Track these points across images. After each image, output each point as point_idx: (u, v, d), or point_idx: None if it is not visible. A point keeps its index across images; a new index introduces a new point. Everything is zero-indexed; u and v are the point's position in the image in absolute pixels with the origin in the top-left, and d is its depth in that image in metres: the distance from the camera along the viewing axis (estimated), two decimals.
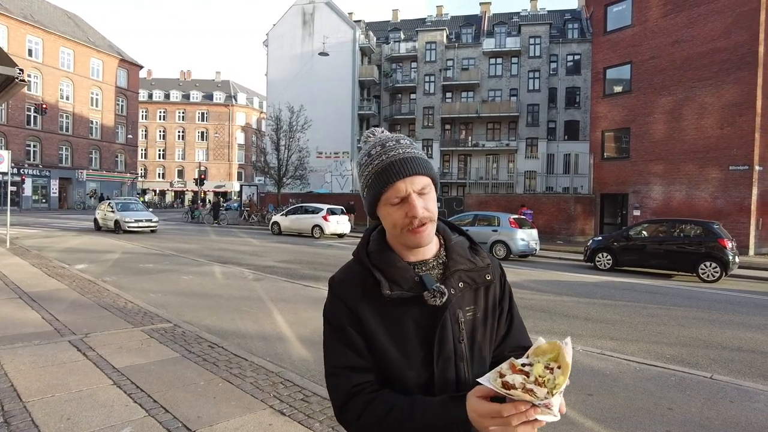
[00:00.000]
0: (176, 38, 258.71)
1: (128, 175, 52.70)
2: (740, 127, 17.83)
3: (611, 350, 5.72)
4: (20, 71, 5.44)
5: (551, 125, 40.69)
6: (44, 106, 37.77)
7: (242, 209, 32.91)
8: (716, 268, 11.66)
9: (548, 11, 45.66)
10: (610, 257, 13.50)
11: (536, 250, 16.15)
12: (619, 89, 22.00)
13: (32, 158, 42.39)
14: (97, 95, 48.37)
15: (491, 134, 41.96)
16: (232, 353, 5.00)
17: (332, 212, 21.96)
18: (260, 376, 4.38)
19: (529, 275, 11.88)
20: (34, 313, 6.41)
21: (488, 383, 0.90)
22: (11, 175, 16.51)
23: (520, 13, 46.12)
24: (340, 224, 21.97)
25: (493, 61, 41.67)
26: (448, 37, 43.03)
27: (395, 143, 1.10)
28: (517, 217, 16.59)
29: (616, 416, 3.90)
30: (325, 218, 21.47)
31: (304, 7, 42.59)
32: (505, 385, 0.88)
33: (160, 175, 73.54)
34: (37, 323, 5.92)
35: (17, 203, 39.15)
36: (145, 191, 67.68)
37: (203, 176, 38.23)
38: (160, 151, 73.23)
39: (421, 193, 1.07)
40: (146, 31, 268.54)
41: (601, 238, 14.78)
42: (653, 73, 20.24)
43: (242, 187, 38.07)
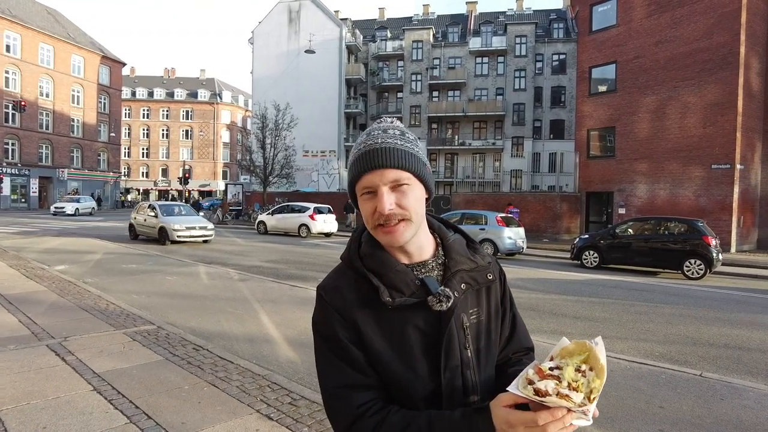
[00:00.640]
0: (160, 35, 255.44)
1: (111, 174, 51.80)
2: (722, 126, 18.09)
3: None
4: None
5: (537, 124, 40.97)
6: (23, 103, 36.89)
7: (214, 208, 32.42)
8: (701, 265, 11.80)
9: (534, 11, 45.95)
10: (596, 255, 13.59)
11: (523, 248, 16.21)
12: (604, 88, 22.19)
13: (10, 156, 41.40)
14: (78, 92, 47.43)
15: (478, 133, 42.11)
16: (217, 356, 4.87)
17: (319, 211, 21.81)
18: (246, 379, 4.27)
19: (516, 273, 11.89)
20: (10, 316, 6.20)
21: (518, 391, 0.84)
22: None
23: (506, 12, 46.34)
24: (327, 223, 21.83)
25: (479, 60, 41.80)
26: (434, 36, 43.05)
27: (381, 132, 1.02)
28: (504, 215, 16.63)
29: (608, 416, 3.87)
30: (311, 217, 21.31)
31: (290, 4, 42.25)
32: (537, 392, 0.81)
33: (143, 174, 72.49)
34: (13, 327, 5.72)
35: None
36: (128, 190, 66.67)
37: (188, 175, 37.70)
38: (143, 149, 72.17)
39: (394, 187, 0.98)
40: (129, 28, 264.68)
41: (587, 236, 14.87)
42: (638, 72, 20.45)
43: (227, 186, 37.63)
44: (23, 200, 42.65)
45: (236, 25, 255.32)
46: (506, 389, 0.87)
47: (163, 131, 71.90)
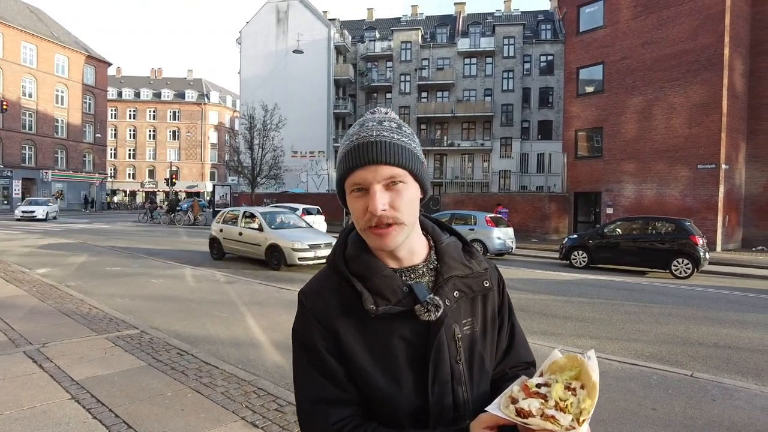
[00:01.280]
0: (147, 35, 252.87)
1: (97, 175, 51.07)
2: (707, 127, 18.28)
3: (591, 349, 5.67)
4: None
5: (525, 125, 41.17)
6: (4, 103, 36.17)
7: (187, 209, 32.15)
8: (688, 264, 11.87)
9: (522, 12, 46.16)
10: (585, 255, 13.63)
11: (512, 248, 16.22)
12: (591, 89, 22.32)
13: None
14: (62, 93, 46.69)
15: (466, 134, 42.21)
16: (202, 361, 4.75)
17: (308, 212, 21.63)
18: (232, 385, 4.15)
19: (506, 274, 11.83)
20: None
21: (499, 411, 0.76)
22: None
23: (494, 13, 46.50)
24: (315, 224, 21.64)
25: (467, 61, 41.90)
26: (423, 36, 43.08)
27: (376, 124, 0.92)
28: (493, 215, 16.63)
29: (600, 418, 3.82)
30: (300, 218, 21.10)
31: (278, 4, 41.99)
32: (520, 412, 0.74)
33: (130, 175, 71.60)
34: None
35: None
36: (114, 192, 65.81)
37: (175, 176, 37.28)
38: (130, 150, 71.28)
39: (388, 186, 0.89)
40: (115, 28, 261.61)
41: (576, 236, 14.92)
42: (625, 73, 20.60)
43: (215, 187, 37.27)
44: (6, 202, 41.82)
45: (224, 25, 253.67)
46: (485, 409, 0.80)
47: (149, 132, 71.08)
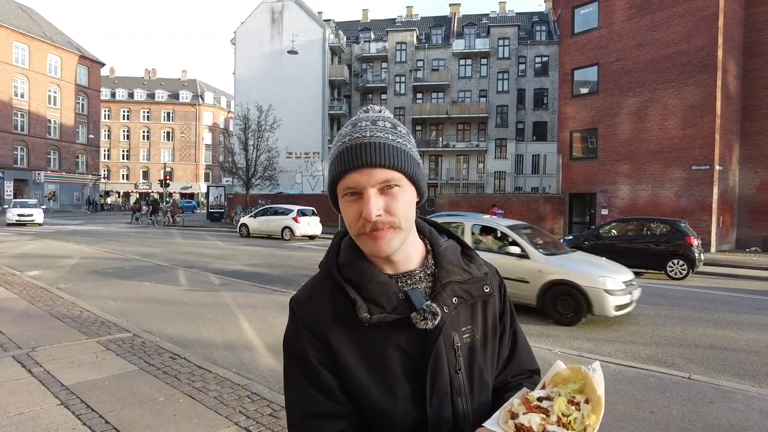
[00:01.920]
0: (140, 36, 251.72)
1: (90, 176, 50.71)
2: (701, 128, 18.36)
3: (589, 351, 5.65)
4: None
5: (520, 126, 41.25)
6: None
7: (166, 210, 32.31)
8: (683, 265, 11.89)
9: (516, 13, 46.32)
10: None
11: None
12: (586, 90, 22.38)
13: None
14: (55, 93, 46.34)
15: (461, 135, 42.25)
16: (195, 365, 4.68)
17: (303, 213, 21.56)
18: (225, 389, 4.08)
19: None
20: None
21: (497, 428, 0.72)
22: None
23: (489, 14, 46.62)
24: (311, 226, 21.60)
25: (462, 62, 41.95)
26: (418, 37, 43.09)
27: (369, 124, 0.87)
28: (489, 217, 16.59)
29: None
30: (295, 220, 21.05)
31: (272, 5, 41.88)
32: (519, 428, 0.69)
33: (124, 176, 71.17)
34: None
35: None
36: (108, 193, 65.37)
37: (169, 177, 37.07)
38: (123, 151, 70.85)
39: (383, 190, 0.84)
40: (109, 28, 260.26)
41: (571, 237, 14.92)
42: (619, 74, 20.67)
43: (209, 188, 37.11)
44: None
45: (218, 25, 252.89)
46: (483, 425, 0.77)
47: (143, 133, 70.71)
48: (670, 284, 11.23)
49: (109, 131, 68.73)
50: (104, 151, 64.77)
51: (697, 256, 11.90)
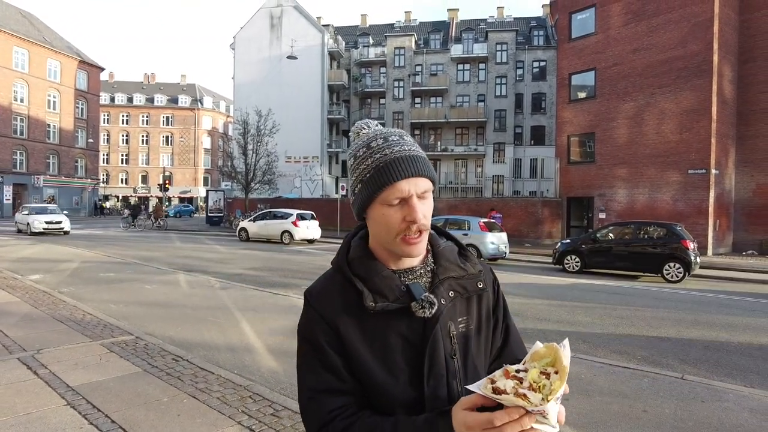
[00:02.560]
0: (140, 41, 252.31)
1: (89, 180, 50.76)
2: (697, 132, 18.53)
3: (584, 353, 5.74)
4: None
5: (518, 130, 41.46)
6: None
7: (150, 214, 32.68)
8: (680, 268, 12.00)
9: (514, 18, 46.60)
10: (578, 259, 13.73)
11: (506, 253, 16.32)
12: (583, 95, 22.56)
13: None
14: (54, 98, 46.46)
15: (460, 139, 42.44)
16: (197, 366, 4.76)
17: (302, 217, 21.65)
18: (227, 390, 4.17)
19: (499, 278, 11.76)
20: None
21: (477, 389, 0.83)
22: None
23: (487, 19, 46.88)
24: (310, 230, 21.68)
25: (461, 67, 42.19)
26: (416, 42, 43.34)
27: (399, 138, 0.99)
28: (486, 220, 16.73)
29: (593, 421, 3.87)
30: (294, 224, 21.14)
31: (271, 10, 42.11)
32: (495, 390, 0.80)
33: (122, 180, 71.27)
34: None
35: None
36: (107, 197, 65.41)
37: (168, 182, 37.14)
38: (123, 156, 70.99)
39: (421, 197, 0.97)
40: (108, 33, 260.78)
41: (569, 240, 15.03)
42: (616, 79, 20.85)
43: (208, 192, 37.20)
44: None
45: (217, 30, 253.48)
46: (466, 386, 0.87)
47: (142, 137, 70.85)
48: (666, 287, 11.34)
49: (108, 136, 68.88)
50: (103, 155, 64.88)
51: (693, 259, 12.02)
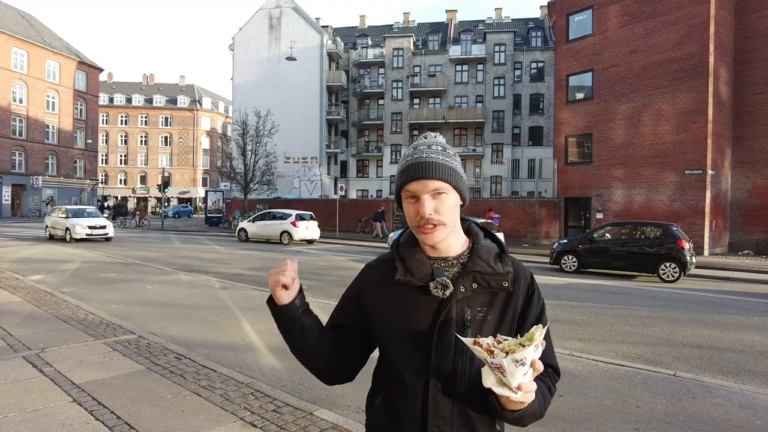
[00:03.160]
0: (139, 42, 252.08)
1: (88, 181, 50.77)
2: (694, 133, 18.65)
3: (580, 351, 5.84)
4: None
5: (516, 131, 41.60)
6: None
7: (133, 213, 32.90)
8: (675, 268, 12.12)
9: (512, 19, 46.75)
10: (575, 259, 13.83)
11: None
12: (581, 96, 22.67)
13: None
14: (53, 98, 46.48)
15: (458, 140, 42.56)
16: (199, 364, 4.85)
17: (301, 218, 21.73)
18: (230, 387, 4.26)
19: None
20: None
21: (464, 339, 1.02)
22: None
23: (485, 21, 47.03)
24: (309, 230, 21.76)
25: (459, 68, 42.32)
26: (415, 43, 43.47)
27: (426, 148, 1.19)
28: (484, 221, 16.82)
29: (587, 416, 3.97)
30: (293, 224, 21.22)
31: (270, 11, 42.20)
32: (475, 343, 0.99)
33: (121, 181, 71.24)
34: None
35: None
36: (106, 198, 65.40)
37: (167, 182, 37.18)
38: (121, 156, 70.97)
39: (434, 195, 1.14)
40: (107, 34, 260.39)
41: (566, 240, 15.13)
42: (613, 80, 20.97)
43: (207, 193, 37.27)
44: None
45: (216, 31, 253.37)
46: (456, 334, 1.10)
47: (141, 138, 70.86)
48: (662, 287, 11.45)
49: (107, 136, 68.88)
50: (102, 156, 64.90)
51: (688, 259, 12.13)
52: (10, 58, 42.01)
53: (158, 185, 40.37)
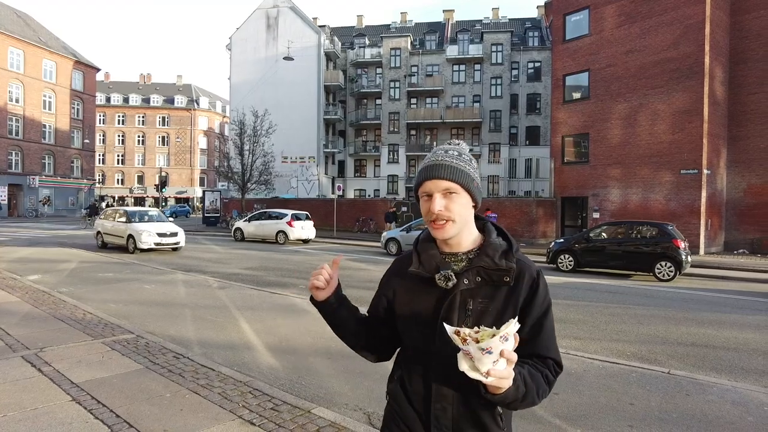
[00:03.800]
0: (136, 41, 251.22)
1: (85, 181, 50.64)
2: (690, 132, 18.75)
3: (575, 349, 5.89)
4: None
5: (513, 131, 41.68)
6: None
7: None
8: (671, 267, 12.19)
9: (509, 19, 46.84)
10: (571, 259, 13.90)
11: None
12: (577, 96, 22.75)
13: None
14: (50, 98, 46.34)
15: (455, 139, 42.52)
16: (198, 363, 4.88)
17: (297, 218, 21.75)
18: (228, 386, 4.29)
19: None
20: None
21: (447, 327, 1.11)
22: None
23: (482, 21, 47.10)
24: (305, 230, 21.78)
25: (456, 67, 42.38)
26: (412, 43, 43.50)
27: (443, 153, 1.32)
28: None
29: (581, 414, 4.02)
30: (289, 224, 21.24)
31: (268, 11, 42.17)
32: (456, 332, 1.08)
33: (119, 181, 71.12)
34: None
35: None
36: (103, 198, 65.24)
37: (164, 182, 37.16)
38: (119, 156, 70.85)
39: (445, 194, 1.26)
40: (104, 33, 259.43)
41: (562, 240, 15.19)
42: (610, 80, 21.05)
43: (205, 192, 37.23)
44: None
45: (213, 30, 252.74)
46: (443, 323, 1.17)
47: (138, 138, 70.73)
48: (657, 285, 11.52)
49: (104, 136, 68.73)
50: (99, 155, 64.73)
51: (684, 258, 12.21)
52: (6, 57, 41.87)
53: (155, 185, 40.32)
